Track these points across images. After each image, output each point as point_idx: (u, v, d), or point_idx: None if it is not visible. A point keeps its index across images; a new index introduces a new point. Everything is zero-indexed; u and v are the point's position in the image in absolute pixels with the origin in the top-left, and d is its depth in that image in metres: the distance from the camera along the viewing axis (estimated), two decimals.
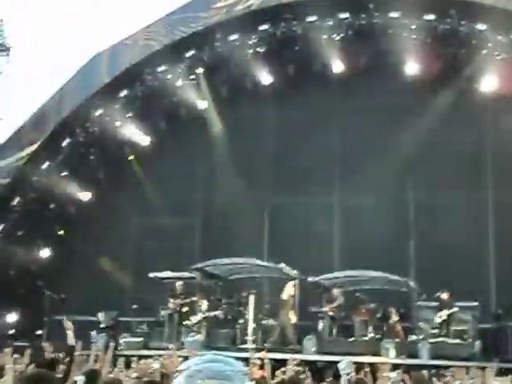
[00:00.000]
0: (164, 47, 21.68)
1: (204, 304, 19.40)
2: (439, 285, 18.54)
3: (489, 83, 20.88)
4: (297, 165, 22.18)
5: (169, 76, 22.17)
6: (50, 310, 20.63)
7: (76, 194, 22.93)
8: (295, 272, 19.27)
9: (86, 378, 6.90)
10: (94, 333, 19.06)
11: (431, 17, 20.24)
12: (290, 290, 18.61)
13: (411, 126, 21.33)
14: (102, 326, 19.65)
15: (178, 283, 20.29)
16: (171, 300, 19.90)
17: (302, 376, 11.63)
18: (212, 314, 19.12)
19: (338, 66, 21.75)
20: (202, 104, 22.97)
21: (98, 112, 22.16)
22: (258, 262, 19.75)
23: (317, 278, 18.98)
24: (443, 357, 16.59)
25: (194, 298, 19.74)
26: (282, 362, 14.63)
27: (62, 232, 23.33)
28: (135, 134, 23.18)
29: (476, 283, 19.84)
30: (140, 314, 20.40)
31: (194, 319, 19.14)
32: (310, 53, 21.82)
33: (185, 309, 19.65)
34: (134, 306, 20.19)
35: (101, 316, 20.01)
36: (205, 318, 19.05)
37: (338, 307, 18.39)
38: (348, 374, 9.67)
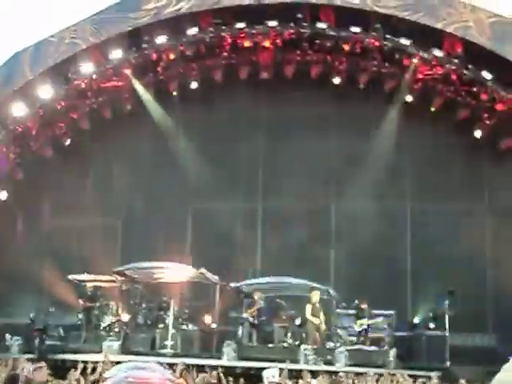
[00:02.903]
0: (90, 46, 21.39)
1: (117, 307, 19.19)
2: (357, 292, 18.90)
3: (410, 98, 21.47)
4: (221, 169, 22.20)
5: (94, 76, 21.85)
6: None
7: None
8: (216, 277, 19.28)
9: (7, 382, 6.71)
10: (8, 336, 18.57)
11: (356, 29, 20.65)
12: (316, 299, 18.33)
13: (335, 136, 21.79)
14: (36, 327, 18.99)
15: (95, 285, 20.02)
16: (84, 302, 19.63)
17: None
18: (124, 317, 18.89)
19: (265, 74, 21.93)
20: (128, 105, 22.74)
21: (20, 110, 21.62)
22: (180, 266, 19.66)
23: (238, 284, 19.01)
24: (359, 364, 16.88)
25: (112, 302, 19.51)
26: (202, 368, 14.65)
27: None
28: (57, 132, 22.73)
29: (392, 291, 20.28)
30: (57, 317, 19.96)
31: (108, 322, 18.91)
32: (238, 59, 21.94)
33: (101, 312, 19.38)
34: (51, 309, 19.75)
35: (33, 316, 19.38)
36: (117, 321, 18.81)
37: (257, 312, 18.45)
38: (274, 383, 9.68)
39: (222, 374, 12.40)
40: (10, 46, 34.75)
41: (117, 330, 18.77)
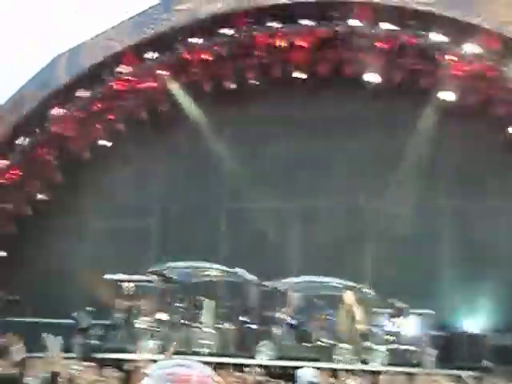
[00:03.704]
0: (125, 48, 21.57)
1: (153, 307, 19.30)
2: (395, 291, 18.75)
3: (445, 95, 21.25)
4: (257, 169, 22.23)
5: (129, 77, 22.03)
6: (3, 311, 20.30)
7: (32, 194, 22.63)
8: (253, 276, 19.29)
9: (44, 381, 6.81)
10: (45, 335, 18.77)
11: (391, 26, 20.53)
12: (349, 299, 18.26)
13: (371, 135, 21.70)
14: (80, 327, 19.21)
15: (128, 285, 20.15)
16: (123, 302, 19.77)
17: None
18: (160, 316, 18.98)
19: (299, 73, 21.92)
20: (164, 106, 22.89)
21: (57, 111, 21.90)
22: (215, 266, 19.71)
23: (275, 283, 18.99)
24: (396, 363, 16.77)
25: (149, 301, 19.63)
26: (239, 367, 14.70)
27: (16, 233, 22.98)
28: (94, 134, 22.98)
29: (431, 290, 20.09)
30: (96, 317, 20.15)
31: (146, 322, 19.01)
32: (272, 58, 21.96)
33: (138, 311, 19.51)
34: (89, 309, 19.93)
35: (78, 316, 19.59)
36: (154, 321, 18.91)
37: (294, 311, 18.42)
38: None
39: (258, 374, 12.44)
40: (49, 50, 35.23)
41: (153, 329, 18.87)
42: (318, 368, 12.85)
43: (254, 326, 19.10)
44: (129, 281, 20.34)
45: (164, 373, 1.86)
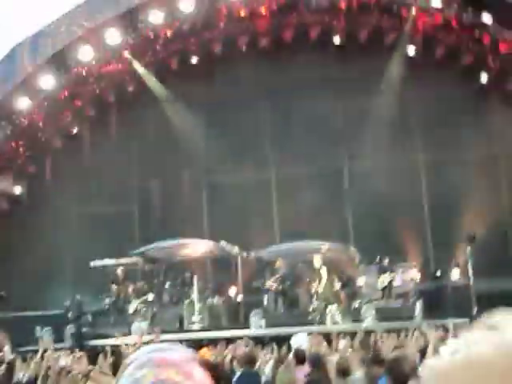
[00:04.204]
0: (86, 32, 21.28)
1: (142, 288, 19.33)
2: (379, 249, 18.92)
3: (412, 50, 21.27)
4: (230, 141, 22.17)
5: (93, 61, 21.79)
6: None
7: (7, 187, 22.43)
8: (236, 249, 19.35)
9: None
10: (38, 328, 18.76)
11: None
12: (318, 262, 18.33)
13: (340, 96, 21.67)
14: (70, 317, 19.18)
15: (119, 269, 20.15)
16: (113, 287, 19.77)
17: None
18: (149, 297, 19.02)
19: (264, 41, 21.77)
20: (131, 87, 22.70)
21: (24, 103, 21.63)
22: (199, 241, 19.76)
23: (259, 253, 19.08)
24: (387, 319, 16.96)
25: (138, 283, 19.66)
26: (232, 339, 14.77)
27: None
28: (64, 122, 22.77)
29: (413, 244, 20.30)
30: (85, 304, 20.14)
31: (136, 305, 19.04)
32: (235, 29, 21.81)
33: (128, 295, 19.53)
34: (77, 296, 19.92)
35: (69, 305, 19.55)
36: (144, 302, 18.95)
37: (281, 279, 18.54)
38: (303, 349, 9.73)
39: (251, 344, 12.52)
40: (7, 41, 34.69)
41: (144, 310, 18.92)
42: (308, 332, 13.01)
43: (242, 298, 19.22)
44: (115, 265, 20.32)
45: (146, 358, 1.85)
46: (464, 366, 1.12)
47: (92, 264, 20.07)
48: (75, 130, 23.15)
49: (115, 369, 8.63)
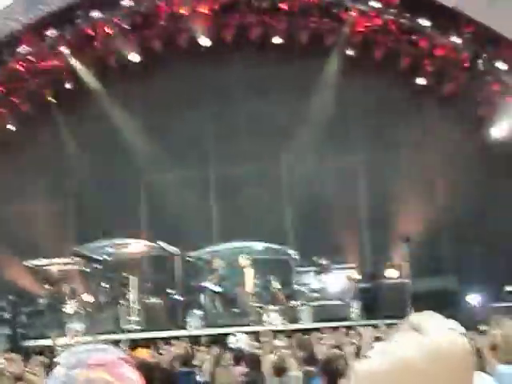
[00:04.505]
0: (23, 27, 20.87)
1: (77, 289, 19.09)
2: (316, 249, 19.09)
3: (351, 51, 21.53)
4: (169, 140, 22.03)
5: (30, 57, 21.36)
6: None
7: None
8: (174, 248, 19.26)
9: None
10: None
11: None
12: (243, 262, 18.32)
13: (279, 96, 21.81)
14: (5, 317, 18.73)
15: (53, 269, 19.82)
16: (47, 287, 19.44)
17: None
18: (85, 298, 18.80)
19: (204, 40, 21.69)
20: (69, 84, 22.34)
21: None
22: (136, 240, 19.61)
23: (197, 253, 19.04)
24: (324, 319, 17.12)
25: (72, 283, 19.38)
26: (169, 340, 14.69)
27: None
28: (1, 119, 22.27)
29: (351, 245, 20.53)
30: (19, 305, 19.71)
31: (71, 305, 18.76)
32: (176, 27, 21.68)
33: (63, 295, 19.22)
34: (10, 297, 19.49)
35: (3, 306, 19.10)
36: (80, 302, 18.70)
37: (219, 279, 18.53)
38: (241, 349, 9.75)
39: (188, 344, 12.48)
40: None
41: (80, 311, 18.65)
42: (246, 332, 13.03)
43: (180, 298, 19.14)
44: (50, 265, 19.99)
45: (76, 359, 1.80)
46: (389, 367, 1.13)
47: (26, 263, 19.70)
48: (11, 127, 22.63)
49: (49, 370, 8.47)
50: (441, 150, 21.23)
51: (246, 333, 13.66)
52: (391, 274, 19.45)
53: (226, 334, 14.67)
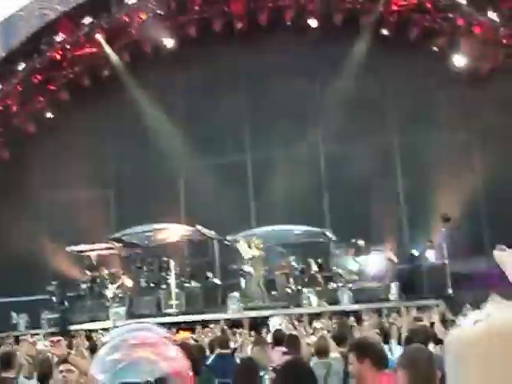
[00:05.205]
0: (59, 15, 21.07)
1: (119, 274, 19.33)
2: (355, 231, 19.03)
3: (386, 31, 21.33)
4: (207, 127, 22.12)
5: (67, 45, 21.57)
6: None
7: None
8: (213, 232, 19.38)
9: (1, 362, 6.77)
10: (14, 314, 18.72)
11: None
12: (241, 248, 18.43)
13: (316, 80, 21.70)
14: (55, 300, 19.06)
15: (94, 254, 20.12)
16: (89, 272, 19.73)
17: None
18: (126, 282, 19.03)
19: (239, 24, 21.68)
20: (105, 72, 22.53)
21: None
22: (175, 225, 19.77)
23: (235, 236, 19.11)
24: (363, 301, 17.12)
25: (113, 268, 19.64)
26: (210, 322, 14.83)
27: None
28: (38, 106, 22.56)
29: (389, 226, 20.41)
30: (65, 290, 20.02)
31: (112, 290, 19.02)
32: (210, 12, 21.70)
33: (104, 280, 19.50)
34: (54, 282, 19.83)
35: (51, 291, 19.45)
36: (121, 287, 18.94)
37: (257, 262, 18.58)
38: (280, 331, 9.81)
39: (227, 327, 12.59)
40: None
41: (121, 296, 18.92)
42: (286, 314, 13.10)
43: (219, 281, 19.29)
44: (91, 250, 20.28)
45: (120, 339, 1.86)
46: (487, 333, 1.19)
47: (68, 249, 20.01)
48: (49, 115, 22.92)
49: (92, 353, 8.64)
50: (478, 128, 20.94)
51: (285, 315, 13.73)
52: (430, 254, 19.34)
53: (265, 318, 14.78)
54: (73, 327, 17.07)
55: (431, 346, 6.85)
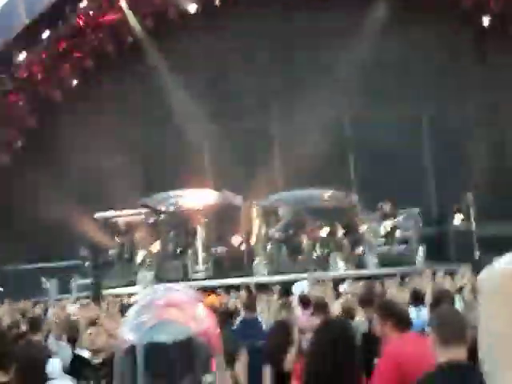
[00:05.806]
0: None
1: (150, 239, 19.47)
2: (381, 195, 18.96)
3: None
4: (232, 92, 22.05)
5: (91, 11, 21.54)
6: None
7: (9, 142, 22.42)
8: (239, 197, 19.42)
9: (30, 325, 6.93)
10: (44, 279, 18.97)
11: None
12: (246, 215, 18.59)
13: (341, 47, 21.46)
14: (88, 264, 19.31)
15: (122, 220, 20.26)
16: (117, 238, 19.91)
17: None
18: (154, 248, 19.18)
19: None
20: (129, 38, 22.50)
21: (23, 56, 21.46)
22: (201, 190, 19.82)
23: (261, 202, 19.14)
24: (389, 265, 17.11)
25: (140, 234, 19.80)
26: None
27: None
28: (63, 74, 22.63)
29: (416, 190, 20.32)
30: (97, 255, 20.21)
31: (141, 255, 19.20)
32: None
33: (132, 246, 19.68)
34: (83, 248, 20.06)
35: (84, 252, 19.67)
36: (149, 252, 19.11)
37: (284, 227, 18.64)
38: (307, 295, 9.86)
39: (254, 291, 12.68)
40: None
41: (149, 261, 19.09)
42: (312, 279, 13.13)
43: (245, 246, 19.36)
44: (119, 216, 20.44)
45: (150, 300, 1.90)
46: None
47: (96, 216, 20.18)
48: (75, 82, 22.99)
49: (121, 315, 8.79)
50: (507, 94, 20.62)
51: (312, 279, 13.76)
52: (457, 219, 19.24)
53: (291, 281, 14.84)
54: (103, 292, 17.29)
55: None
